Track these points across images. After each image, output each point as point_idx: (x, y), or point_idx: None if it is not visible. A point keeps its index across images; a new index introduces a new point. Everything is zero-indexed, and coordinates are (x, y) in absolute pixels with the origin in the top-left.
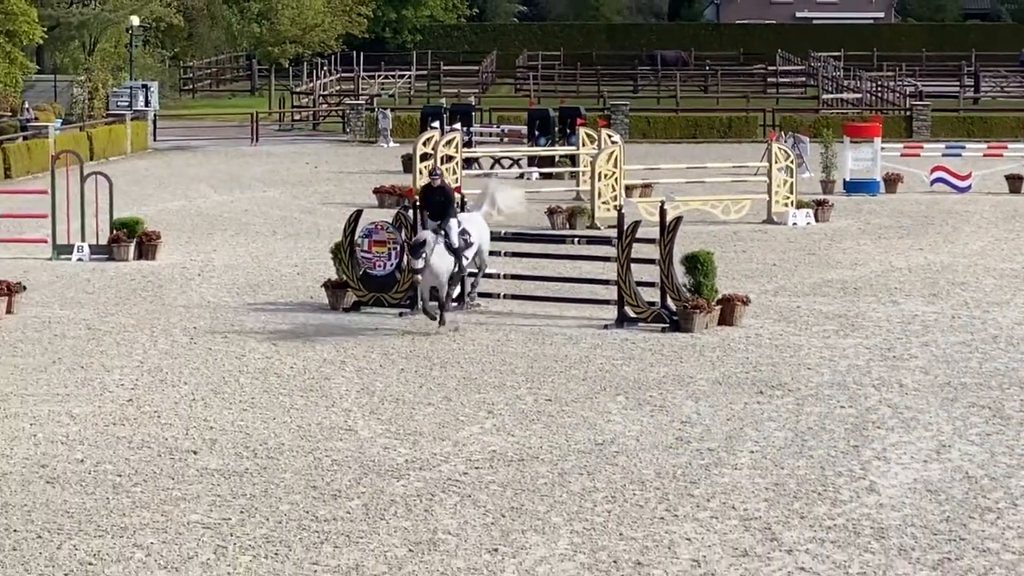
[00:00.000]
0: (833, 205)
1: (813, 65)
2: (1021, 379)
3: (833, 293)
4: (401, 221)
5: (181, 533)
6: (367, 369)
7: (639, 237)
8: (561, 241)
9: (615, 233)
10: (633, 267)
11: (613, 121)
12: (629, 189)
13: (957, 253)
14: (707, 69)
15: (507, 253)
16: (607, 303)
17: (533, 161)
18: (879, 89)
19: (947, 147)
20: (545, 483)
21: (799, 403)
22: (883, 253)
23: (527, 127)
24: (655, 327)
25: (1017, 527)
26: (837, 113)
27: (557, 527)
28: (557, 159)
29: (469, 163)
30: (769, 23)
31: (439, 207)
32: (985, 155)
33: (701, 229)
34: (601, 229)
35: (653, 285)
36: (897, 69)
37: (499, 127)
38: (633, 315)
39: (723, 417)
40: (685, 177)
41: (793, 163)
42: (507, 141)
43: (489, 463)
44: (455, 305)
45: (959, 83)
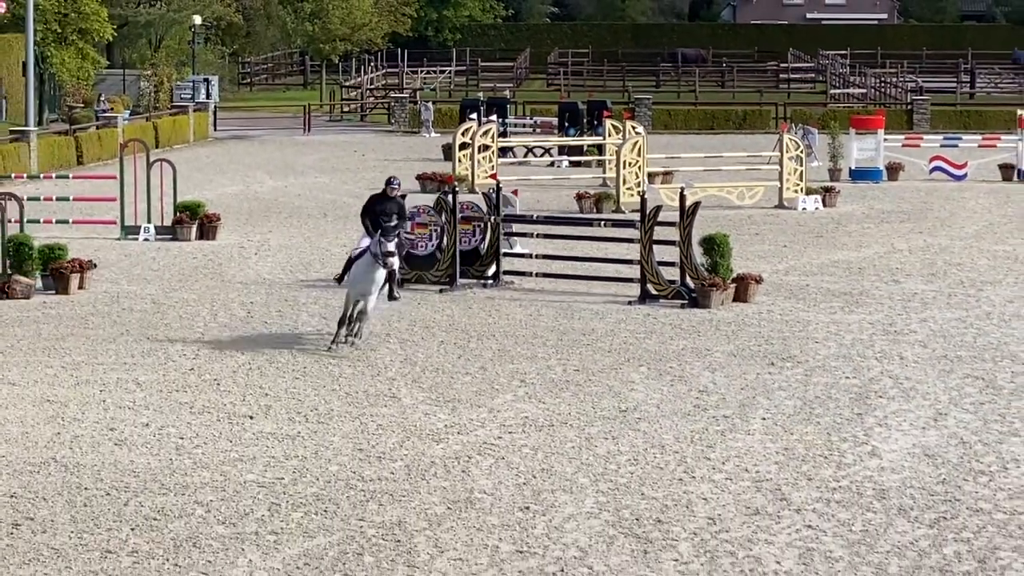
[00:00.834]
0: (839, 191)
1: (822, 62)
2: (1012, 352)
3: (839, 273)
4: (442, 205)
5: (238, 491)
6: (409, 341)
7: (660, 220)
8: (588, 224)
9: (638, 217)
10: (655, 248)
11: (637, 114)
12: (651, 176)
13: (954, 236)
14: (724, 66)
15: (538, 235)
16: (631, 281)
17: (563, 150)
18: (882, 85)
19: (945, 138)
20: (573, 447)
21: (807, 374)
22: (885, 236)
23: (557, 119)
24: (675, 304)
25: (1008, 489)
26: (843, 107)
27: (584, 487)
28: (585, 148)
29: (504, 152)
30: (781, 24)
31: (388, 218)
32: (980, 146)
33: (718, 213)
34: (625, 213)
35: (673, 265)
36: (899, 66)
37: (532, 119)
38: (655, 292)
39: (737, 387)
40: (703, 165)
41: (803, 153)
42: (539, 132)
43: (521, 428)
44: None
45: (956, 79)
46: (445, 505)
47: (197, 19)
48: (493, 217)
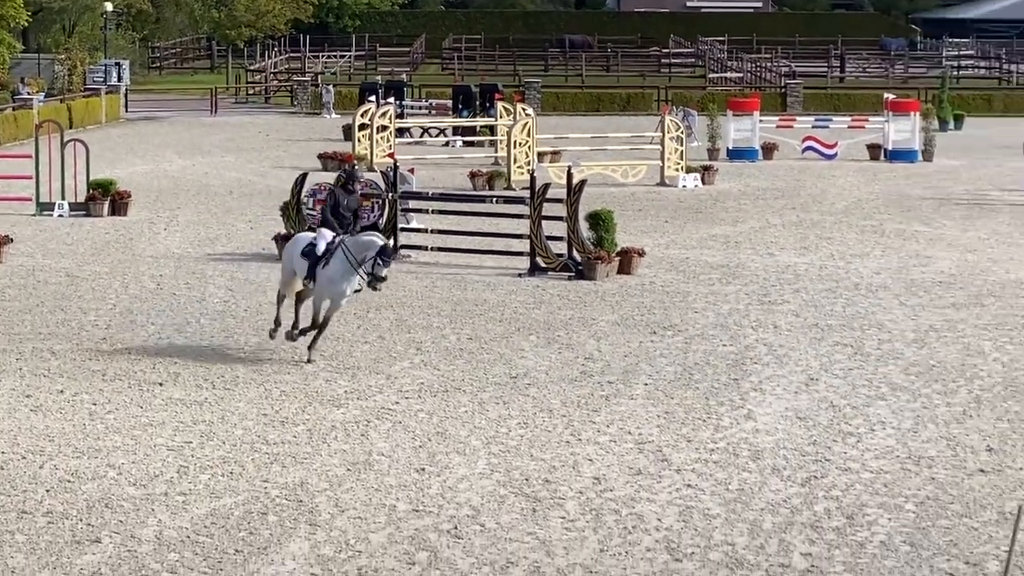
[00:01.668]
0: (718, 170)
1: (701, 48)
2: (879, 321)
3: (717, 246)
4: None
5: (148, 455)
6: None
7: (549, 197)
8: (481, 200)
9: (528, 194)
10: (544, 223)
11: (527, 96)
12: (540, 155)
13: (825, 212)
14: (609, 51)
15: (434, 211)
16: (521, 255)
17: (457, 131)
18: (758, 69)
19: (816, 120)
20: (466, 411)
21: (687, 341)
22: (761, 212)
23: (452, 101)
24: (563, 276)
25: (874, 449)
26: (721, 90)
27: (476, 449)
28: (478, 129)
29: (401, 132)
30: (663, 11)
31: (348, 213)
32: (849, 127)
33: (603, 191)
34: (516, 190)
35: (561, 239)
36: (774, 52)
37: (427, 101)
38: (544, 265)
39: (621, 354)
40: (589, 145)
41: (683, 133)
42: (434, 113)
43: (418, 394)
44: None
45: (827, 64)
46: (345, 467)
47: (109, 6)
48: (391, 194)
